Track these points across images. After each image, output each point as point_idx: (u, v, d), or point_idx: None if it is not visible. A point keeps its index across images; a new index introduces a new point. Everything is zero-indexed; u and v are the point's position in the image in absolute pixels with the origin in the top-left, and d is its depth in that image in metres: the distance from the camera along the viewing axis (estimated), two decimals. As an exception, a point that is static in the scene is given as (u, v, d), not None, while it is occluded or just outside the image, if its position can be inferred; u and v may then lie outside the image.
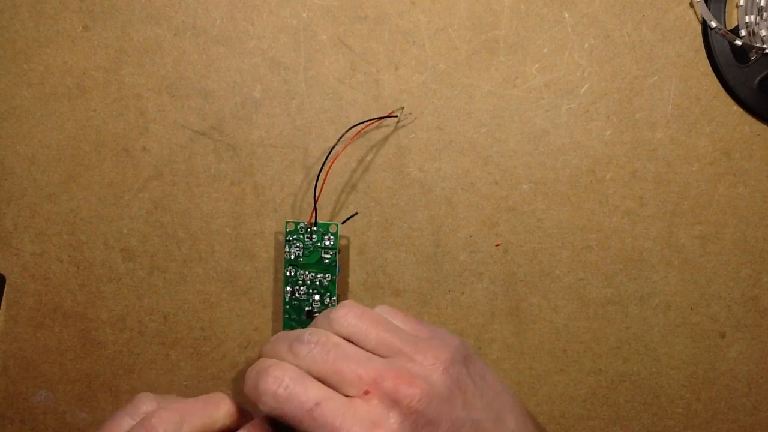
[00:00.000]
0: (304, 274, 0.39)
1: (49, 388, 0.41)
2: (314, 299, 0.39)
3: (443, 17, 0.40)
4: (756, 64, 0.39)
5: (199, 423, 0.28)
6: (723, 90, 0.39)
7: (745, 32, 0.39)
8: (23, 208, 0.41)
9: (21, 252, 0.41)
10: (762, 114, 0.39)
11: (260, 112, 0.40)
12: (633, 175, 0.40)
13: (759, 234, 0.40)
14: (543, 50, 0.40)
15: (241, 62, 0.40)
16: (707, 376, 0.40)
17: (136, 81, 0.41)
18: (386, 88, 0.40)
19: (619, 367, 0.40)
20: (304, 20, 0.40)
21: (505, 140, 0.40)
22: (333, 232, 0.39)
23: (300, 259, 0.39)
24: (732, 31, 0.39)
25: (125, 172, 0.41)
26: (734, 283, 0.40)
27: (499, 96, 0.40)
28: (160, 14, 0.41)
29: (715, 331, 0.40)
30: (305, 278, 0.39)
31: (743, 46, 0.39)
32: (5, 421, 0.40)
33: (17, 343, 0.41)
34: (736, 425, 0.40)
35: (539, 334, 0.40)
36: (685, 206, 0.40)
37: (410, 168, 0.40)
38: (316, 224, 0.39)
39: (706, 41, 0.39)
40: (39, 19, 0.41)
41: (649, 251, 0.40)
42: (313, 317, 0.39)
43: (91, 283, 0.41)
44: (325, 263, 0.39)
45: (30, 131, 0.41)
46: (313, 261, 0.39)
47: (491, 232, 0.40)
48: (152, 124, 0.40)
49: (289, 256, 0.39)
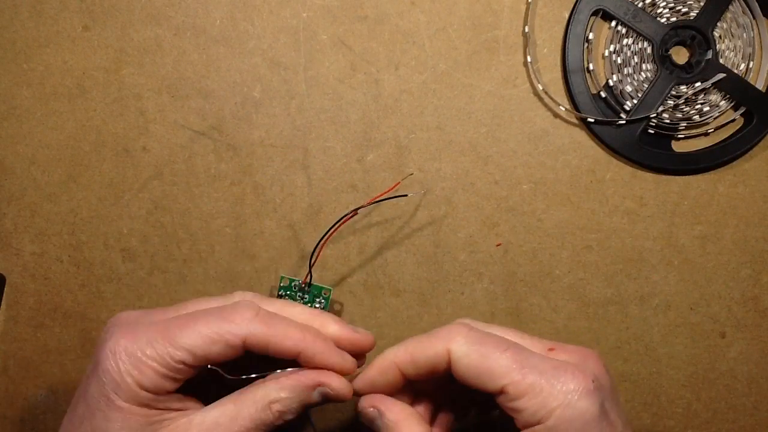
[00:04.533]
0: None
1: (49, 388, 0.40)
2: None
3: (443, 17, 0.40)
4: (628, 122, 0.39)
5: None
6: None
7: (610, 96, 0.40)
8: (23, 208, 0.41)
9: (21, 252, 0.41)
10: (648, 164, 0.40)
11: (260, 112, 0.40)
12: (633, 175, 0.40)
13: (759, 234, 0.40)
14: (543, 50, 0.40)
15: (241, 62, 0.40)
16: (707, 376, 0.40)
17: (136, 81, 0.41)
18: (386, 88, 0.40)
19: (619, 367, 0.40)
20: (304, 20, 0.40)
21: (505, 140, 0.40)
22: (326, 297, 0.38)
23: None
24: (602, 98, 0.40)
25: (125, 172, 0.41)
26: (734, 283, 0.40)
27: (499, 96, 0.40)
28: (160, 14, 0.41)
29: (715, 331, 0.40)
30: None
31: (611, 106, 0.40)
32: (5, 421, 0.40)
33: (17, 343, 0.41)
34: (736, 425, 0.40)
35: (539, 334, 0.40)
36: (685, 206, 0.40)
37: (410, 168, 0.40)
38: (310, 285, 0.38)
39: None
40: (39, 19, 0.41)
41: (649, 251, 0.40)
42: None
43: (91, 283, 0.41)
44: None
45: (30, 131, 0.41)
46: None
47: (491, 232, 0.40)
48: (152, 124, 0.40)
49: None
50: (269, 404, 0.29)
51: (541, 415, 0.26)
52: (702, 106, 0.40)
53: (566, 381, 0.26)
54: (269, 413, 0.29)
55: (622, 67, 0.40)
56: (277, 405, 0.29)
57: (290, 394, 0.29)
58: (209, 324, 0.28)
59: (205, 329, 0.28)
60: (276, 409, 0.29)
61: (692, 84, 0.39)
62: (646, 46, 0.40)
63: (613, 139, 0.40)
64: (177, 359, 0.28)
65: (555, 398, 0.26)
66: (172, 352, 0.28)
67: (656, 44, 0.39)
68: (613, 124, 0.40)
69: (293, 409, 0.29)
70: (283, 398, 0.29)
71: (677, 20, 0.39)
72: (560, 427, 0.26)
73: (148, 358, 0.27)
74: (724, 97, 0.40)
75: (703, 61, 0.39)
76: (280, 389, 0.29)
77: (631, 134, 0.40)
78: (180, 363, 0.28)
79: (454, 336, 0.28)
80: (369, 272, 0.40)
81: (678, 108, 0.40)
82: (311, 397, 0.30)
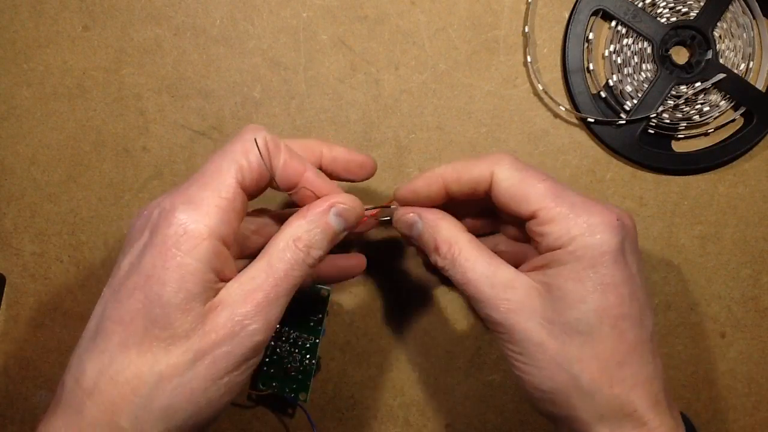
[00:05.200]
0: (288, 332, 0.39)
1: (49, 388, 0.40)
2: (295, 359, 0.38)
3: (443, 17, 0.40)
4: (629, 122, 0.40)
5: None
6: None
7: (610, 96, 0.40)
8: (23, 208, 0.41)
9: (21, 252, 0.41)
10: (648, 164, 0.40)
11: (260, 112, 0.40)
12: (633, 175, 0.40)
13: (759, 234, 0.40)
14: (543, 50, 0.40)
15: (241, 62, 0.40)
16: (707, 376, 0.40)
17: (136, 81, 0.41)
18: (386, 88, 0.40)
19: (619, 367, 0.40)
20: (304, 20, 0.40)
21: (505, 140, 0.40)
22: (324, 297, 0.38)
23: (288, 317, 0.39)
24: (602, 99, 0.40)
25: (125, 172, 0.41)
26: (734, 283, 0.40)
27: (499, 96, 0.40)
28: (160, 14, 0.41)
29: (715, 331, 0.40)
30: (289, 336, 0.39)
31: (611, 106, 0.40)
32: (5, 421, 0.40)
33: (17, 343, 0.41)
34: (736, 425, 0.40)
35: (539, 334, 0.40)
36: (685, 206, 0.40)
37: (410, 168, 0.40)
38: (309, 286, 0.38)
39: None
40: (39, 19, 0.41)
41: (649, 251, 0.40)
42: (290, 375, 0.38)
43: (91, 283, 0.41)
44: (310, 325, 0.38)
45: (30, 131, 0.41)
46: (300, 321, 0.38)
47: (491, 232, 0.40)
48: (152, 124, 0.40)
49: None
50: (294, 243, 0.28)
51: (563, 241, 0.28)
52: (702, 106, 0.40)
53: (593, 214, 0.28)
54: (298, 252, 0.28)
55: (622, 67, 0.40)
56: (302, 241, 0.29)
57: (309, 226, 0.29)
58: (238, 142, 0.29)
59: (244, 144, 0.29)
60: (302, 245, 0.28)
61: (692, 84, 0.39)
62: (646, 46, 0.40)
63: (613, 139, 0.40)
64: (236, 181, 0.28)
65: (579, 227, 0.27)
66: (224, 178, 0.28)
67: (656, 44, 0.39)
68: (613, 124, 0.40)
69: (317, 241, 0.29)
70: (303, 232, 0.29)
71: (677, 20, 0.39)
72: (578, 252, 0.27)
73: (208, 197, 0.27)
74: (724, 97, 0.40)
75: (703, 61, 0.39)
76: (298, 225, 0.29)
77: (631, 134, 0.40)
78: (239, 186, 0.28)
79: (499, 161, 0.30)
80: (369, 272, 0.40)
81: (678, 108, 0.40)
82: (330, 224, 0.29)
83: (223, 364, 0.26)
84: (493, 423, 0.40)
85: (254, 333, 0.27)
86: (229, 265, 0.28)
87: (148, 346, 0.26)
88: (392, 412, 0.40)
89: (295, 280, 0.28)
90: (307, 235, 0.29)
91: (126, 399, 0.25)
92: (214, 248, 0.27)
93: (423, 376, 0.40)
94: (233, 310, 0.27)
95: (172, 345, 0.26)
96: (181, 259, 0.26)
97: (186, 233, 0.26)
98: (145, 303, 0.26)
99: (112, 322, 0.27)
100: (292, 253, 0.28)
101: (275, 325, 0.28)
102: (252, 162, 0.28)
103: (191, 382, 0.26)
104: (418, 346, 0.40)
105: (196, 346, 0.26)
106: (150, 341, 0.26)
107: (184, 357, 0.26)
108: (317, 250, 0.29)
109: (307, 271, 0.29)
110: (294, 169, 0.30)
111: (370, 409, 0.40)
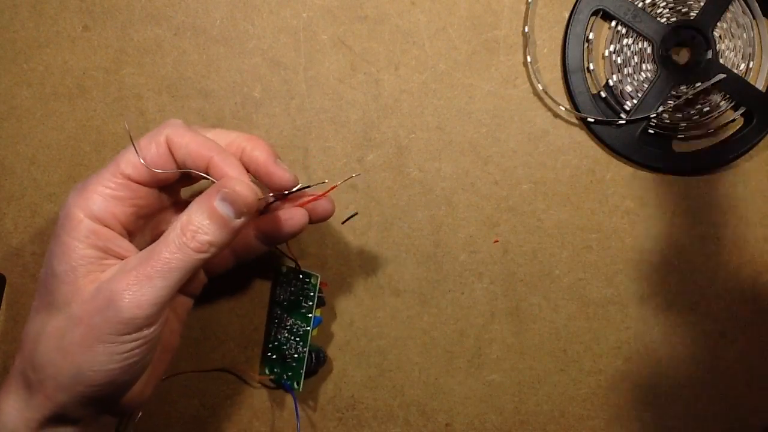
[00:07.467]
0: (285, 318, 0.39)
1: (49, 388, 0.40)
2: (291, 346, 0.39)
3: (443, 17, 0.40)
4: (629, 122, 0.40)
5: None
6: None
7: (610, 96, 0.40)
8: (23, 208, 0.41)
9: (21, 252, 0.41)
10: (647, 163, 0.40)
11: (260, 112, 0.40)
12: (633, 175, 0.40)
13: (759, 234, 0.40)
14: (543, 50, 0.40)
15: (241, 62, 0.40)
16: (707, 376, 0.40)
17: (136, 81, 0.41)
18: (386, 88, 0.40)
19: (619, 367, 0.40)
20: (304, 20, 0.40)
21: (505, 140, 0.40)
22: (313, 284, 0.38)
23: (285, 303, 0.39)
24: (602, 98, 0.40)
25: (125, 172, 0.41)
26: (734, 283, 0.40)
27: (499, 96, 0.40)
28: (160, 14, 0.41)
29: (715, 331, 0.40)
30: (286, 322, 0.39)
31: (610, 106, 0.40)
32: (5, 421, 0.40)
33: (17, 343, 0.41)
34: (736, 425, 0.40)
35: (539, 334, 0.40)
36: (685, 206, 0.40)
37: (410, 168, 0.40)
38: (300, 272, 0.38)
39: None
40: (39, 19, 0.41)
41: (649, 251, 0.40)
42: (286, 362, 0.39)
43: (91, 283, 0.41)
44: (302, 312, 0.38)
45: (30, 131, 0.41)
46: (295, 307, 0.39)
47: (491, 232, 0.40)
48: (152, 124, 0.40)
49: (277, 296, 0.39)
50: (180, 228, 0.29)
51: None
52: (702, 106, 0.40)
53: None
54: (182, 237, 0.28)
55: (622, 67, 0.40)
56: (188, 226, 0.29)
57: (197, 210, 0.29)
58: (144, 137, 0.31)
59: (142, 140, 0.31)
60: (188, 230, 0.29)
61: (692, 84, 0.39)
62: (646, 46, 0.40)
63: (613, 139, 0.40)
64: (120, 173, 0.30)
65: None
66: (113, 169, 0.30)
67: (656, 44, 0.39)
68: (613, 124, 0.40)
69: (204, 226, 0.29)
70: (192, 216, 0.29)
71: (677, 20, 0.39)
72: None
73: (93, 185, 0.30)
74: (724, 97, 0.40)
75: (703, 61, 0.39)
76: (188, 211, 0.29)
77: (631, 134, 0.40)
78: (125, 178, 0.30)
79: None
80: (369, 272, 0.40)
81: (678, 108, 0.40)
82: (216, 209, 0.29)
83: (95, 333, 0.28)
84: (493, 423, 0.40)
85: (121, 309, 0.28)
86: (121, 245, 0.30)
87: (42, 309, 0.30)
88: (392, 412, 0.40)
89: (178, 263, 0.29)
90: (194, 220, 0.29)
91: (30, 353, 0.30)
92: (91, 228, 0.29)
93: (423, 376, 0.40)
94: (102, 285, 0.29)
95: (56, 310, 0.29)
96: (64, 238, 0.30)
97: (68, 216, 0.30)
98: (45, 273, 0.30)
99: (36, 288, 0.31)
100: (176, 238, 0.29)
101: (154, 306, 0.28)
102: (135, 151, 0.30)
103: (69, 346, 0.28)
104: (418, 346, 0.40)
105: (73, 313, 0.29)
106: (43, 306, 0.30)
107: (62, 322, 0.29)
108: (204, 236, 0.29)
109: (193, 256, 0.29)
110: (197, 153, 0.30)
111: (370, 409, 0.41)
